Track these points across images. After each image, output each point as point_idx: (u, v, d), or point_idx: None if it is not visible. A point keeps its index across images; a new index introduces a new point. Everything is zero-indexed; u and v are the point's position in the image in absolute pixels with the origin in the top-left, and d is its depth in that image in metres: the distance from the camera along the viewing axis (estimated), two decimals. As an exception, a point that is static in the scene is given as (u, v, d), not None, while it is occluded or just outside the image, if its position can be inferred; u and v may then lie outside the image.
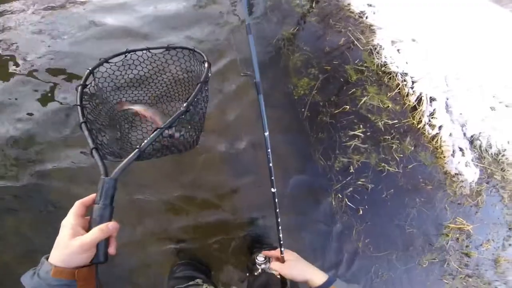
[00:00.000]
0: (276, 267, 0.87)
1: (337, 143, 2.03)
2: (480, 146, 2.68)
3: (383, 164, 2.10)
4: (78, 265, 0.48)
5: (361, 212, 1.94)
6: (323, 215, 1.88)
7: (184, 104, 0.65)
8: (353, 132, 2.08)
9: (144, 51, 0.87)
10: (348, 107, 2.16)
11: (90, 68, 0.76)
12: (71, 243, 0.47)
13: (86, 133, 0.63)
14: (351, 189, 1.97)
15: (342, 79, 2.34)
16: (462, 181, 2.42)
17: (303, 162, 1.93)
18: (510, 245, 2.48)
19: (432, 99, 2.52)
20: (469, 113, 2.68)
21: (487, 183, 2.55)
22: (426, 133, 2.41)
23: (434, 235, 2.18)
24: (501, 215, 2.53)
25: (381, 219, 2.04)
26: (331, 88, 2.25)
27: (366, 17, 3.35)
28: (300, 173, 1.91)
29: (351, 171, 1.99)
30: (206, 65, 0.77)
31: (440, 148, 2.43)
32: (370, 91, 2.32)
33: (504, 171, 2.68)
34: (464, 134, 2.64)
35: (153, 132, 0.61)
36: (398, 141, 2.21)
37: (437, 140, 2.43)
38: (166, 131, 0.64)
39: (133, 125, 0.94)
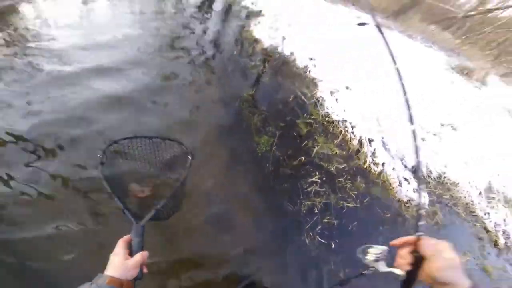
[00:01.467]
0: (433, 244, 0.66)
1: (300, 190, 2.31)
2: (422, 175, 3.15)
3: (342, 202, 2.40)
4: (127, 278, 0.70)
5: (333, 245, 2.15)
6: (300, 253, 2.05)
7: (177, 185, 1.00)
8: (311, 179, 2.39)
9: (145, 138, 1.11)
10: (303, 158, 2.50)
11: (103, 149, 1.00)
12: (126, 263, 0.72)
13: (116, 199, 0.89)
14: (319, 227, 2.20)
15: (295, 133, 2.71)
16: (415, 206, 2.79)
17: (275, 210, 2.15)
18: (488, 253, 2.77)
19: (370, 140, 2.97)
20: (404, 148, 3.18)
21: (439, 203, 2.93)
22: (373, 171, 2.80)
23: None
24: (463, 228, 2.90)
25: (353, 249, 2.27)
26: (287, 143, 2.60)
27: (309, 71, 3.93)
28: (274, 220, 2.12)
29: (315, 211, 2.25)
30: (189, 157, 1.06)
31: (387, 181, 2.82)
32: (320, 141, 2.71)
33: (450, 190, 3.13)
34: (405, 166, 3.09)
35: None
36: (350, 181, 2.55)
37: (383, 175, 2.83)
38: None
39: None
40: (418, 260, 0.67)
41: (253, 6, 7.00)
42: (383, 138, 3.10)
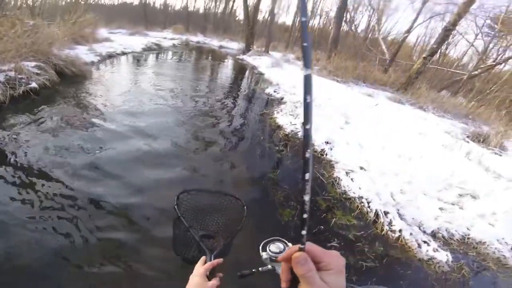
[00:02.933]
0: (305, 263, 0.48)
1: (320, 254, 2.71)
2: (443, 237, 3.33)
3: (360, 262, 2.68)
4: None
5: None
6: None
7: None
8: (329, 244, 2.80)
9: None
10: (322, 226, 2.98)
11: (177, 195, 1.15)
12: (206, 284, 0.77)
13: (192, 232, 1.05)
14: None
15: (315, 207, 3.25)
16: (438, 262, 2.88)
17: None
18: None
19: (386, 213, 3.38)
20: (421, 217, 3.49)
21: (464, 259, 3.00)
22: (390, 237, 3.12)
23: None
24: (496, 279, 2.88)
25: None
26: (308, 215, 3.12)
27: (326, 154, 4.64)
28: None
29: None
30: (245, 209, 1.22)
31: (405, 244, 3.08)
32: (337, 214, 3.20)
33: (476, 248, 3.19)
34: (424, 232, 3.34)
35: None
36: (368, 245, 2.89)
37: (401, 239, 3.12)
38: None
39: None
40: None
41: (275, 93, 8.42)
42: (398, 210, 3.48)
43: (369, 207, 3.42)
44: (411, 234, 3.22)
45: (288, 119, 6.10)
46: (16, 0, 7.83)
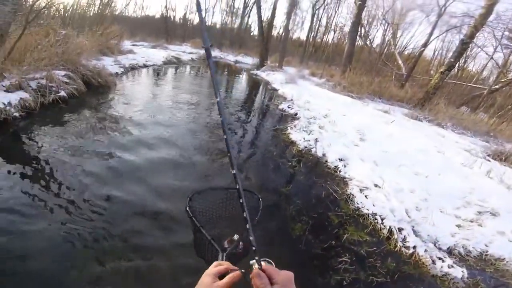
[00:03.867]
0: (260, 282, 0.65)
1: (330, 267, 2.70)
2: (460, 253, 3.24)
3: (371, 277, 2.67)
4: None
5: None
6: None
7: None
8: (341, 259, 2.79)
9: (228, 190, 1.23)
10: (334, 242, 2.99)
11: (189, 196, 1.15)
12: (213, 283, 0.65)
13: (204, 232, 1.01)
14: None
15: (326, 223, 3.28)
16: (453, 278, 2.82)
17: (305, 283, 2.54)
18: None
19: (400, 229, 3.34)
20: (437, 234, 3.42)
21: (481, 275, 2.91)
22: (404, 253, 3.07)
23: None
24: None
25: None
26: (319, 230, 3.15)
27: (339, 171, 4.66)
28: None
29: (344, 284, 2.55)
30: (260, 202, 1.22)
31: (420, 260, 3.02)
32: (350, 230, 3.20)
33: (494, 264, 3.09)
34: (440, 248, 3.27)
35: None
36: (380, 261, 2.87)
37: (415, 256, 3.06)
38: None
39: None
40: None
41: (289, 109, 8.50)
42: (413, 227, 3.43)
43: (382, 223, 3.40)
44: (425, 250, 3.17)
45: (301, 135, 6.17)
46: (49, 9, 8.04)
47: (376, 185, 4.18)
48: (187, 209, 1.10)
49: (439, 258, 3.09)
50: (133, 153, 4.03)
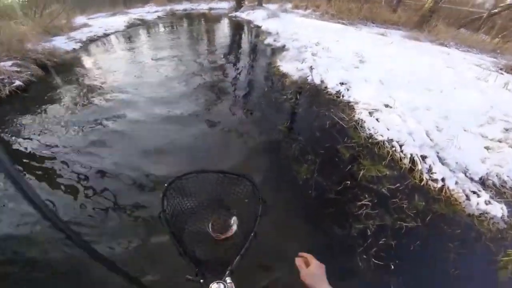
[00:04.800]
0: (299, 265, 0.94)
1: (348, 214, 2.15)
2: (494, 184, 2.73)
3: (399, 222, 2.16)
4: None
5: (392, 267, 1.90)
6: (354, 279, 1.85)
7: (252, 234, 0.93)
8: (360, 203, 2.22)
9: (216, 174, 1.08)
10: (349, 182, 2.37)
11: (166, 184, 1.00)
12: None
13: (187, 259, 0.88)
14: (375, 249, 1.98)
15: (337, 159, 2.62)
16: (492, 218, 2.37)
17: (322, 237, 2.01)
18: None
19: (423, 157, 2.72)
20: (465, 160, 2.84)
21: None
22: (432, 187, 2.52)
23: (490, 270, 2.02)
24: None
25: (419, 269, 1.97)
26: (329, 169, 2.51)
27: (343, 96, 3.89)
28: (322, 247, 1.99)
29: (369, 234, 2.05)
30: (261, 203, 1.01)
31: (452, 196, 2.49)
32: (365, 164, 2.57)
33: None
34: (471, 179, 2.73)
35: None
36: (406, 201, 2.31)
37: (445, 190, 2.52)
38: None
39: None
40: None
41: (275, 42, 7.53)
42: (438, 153, 2.82)
43: (402, 151, 2.77)
44: (456, 183, 2.62)
45: (293, 65, 5.28)
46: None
47: (386, 106, 3.46)
48: (163, 199, 0.96)
49: (473, 192, 2.55)
50: (116, 116, 3.57)
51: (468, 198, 2.50)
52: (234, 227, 1.08)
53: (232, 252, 0.93)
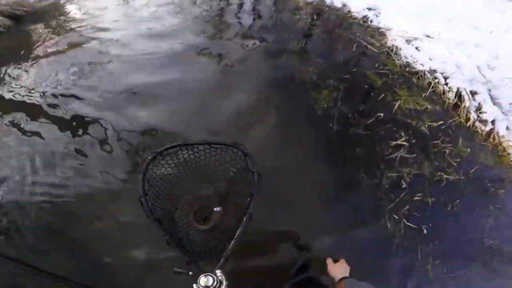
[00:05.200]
0: (329, 262, 1.16)
1: (379, 156, 1.68)
2: None
3: (439, 173, 1.72)
4: None
5: (425, 231, 1.53)
6: (378, 243, 1.49)
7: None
8: (395, 142, 1.73)
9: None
10: (382, 114, 1.84)
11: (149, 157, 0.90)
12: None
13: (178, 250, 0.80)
14: (407, 207, 1.58)
15: (366, 86, 2.06)
16: None
17: (343, 185, 1.58)
18: None
19: (473, 93, 2.17)
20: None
21: None
22: (479, 131, 2.03)
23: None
24: None
25: (451, 235, 1.62)
26: (357, 97, 1.97)
27: (371, 21, 3.18)
28: (342, 198, 1.56)
29: (403, 186, 1.62)
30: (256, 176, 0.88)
31: (500, 145, 2.02)
32: (402, 94, 2.01)
33: None
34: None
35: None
36: (450, 144, 1.83)
37: (494, 136, 2.04)
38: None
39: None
40: None
41: None
42: (490, 90, 2.26)
43: (446, 84, 2.21)
44: (507, 128, 2.11)
45: None
46: None
47: (428, 36, 2.78)
48: (143, 179, 0.88)
49: None
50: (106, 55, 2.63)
51: (519, 148, 2.02)
52: (217, 215, 1.01)
53: (225, 238, 0.84)
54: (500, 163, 1.94)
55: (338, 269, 1.11)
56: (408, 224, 1.53)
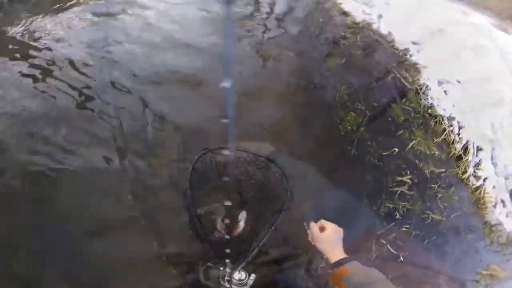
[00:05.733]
0: (313, 231, 0.91)
1: (383, 187, 1.95)
2: None
3: (427, 211, 2.01)
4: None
5: (401, 259, 1.83)
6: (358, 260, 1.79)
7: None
8: (400, 178, 2.00)
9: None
10: (396, 149, 2.09)
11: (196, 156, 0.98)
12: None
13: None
14: (394, 235, 1.87)
15: (390, 119, 2.28)
16: (500, 231, 2.27)
17: (349, 203, 1.85)
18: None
19: (479, 149, 2.42)
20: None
21: None
22: (470, 184, 2.30)
23: (469, 281, 2.03)
24: None
25: (420, 264, 1.93)
26: (379, 128, 2.19)
27: (410, 55, 3.30)
28: (341, 214, 1.84)
29: (396, 217, 1.90)
30: (288, 194, 1.01)
31: (482, 199, 2.31)
32: (418, 135, 2.25)
33: None
34: (507, 187, 2.52)
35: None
36: (443, 190, 2.11)
37: (480, 191, 2.32)
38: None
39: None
40: None
41: None
42: (493, 149, 2.51)
43: (459, 134, 2.44)
44: (493, 187, 2.39)
45: (359, 6, 4.26)
46: None
47: (459, 82, 2.95)
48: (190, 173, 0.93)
49: (502, 201, 2.36)
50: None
51: (495, 205, 2.33)
52: (242, 224, 1.03)
53: (250, 243, 0.93)
54: (477, 213, 2.25)
55: (325, 241, 0.88)
56: (391, 249, 1.82)
